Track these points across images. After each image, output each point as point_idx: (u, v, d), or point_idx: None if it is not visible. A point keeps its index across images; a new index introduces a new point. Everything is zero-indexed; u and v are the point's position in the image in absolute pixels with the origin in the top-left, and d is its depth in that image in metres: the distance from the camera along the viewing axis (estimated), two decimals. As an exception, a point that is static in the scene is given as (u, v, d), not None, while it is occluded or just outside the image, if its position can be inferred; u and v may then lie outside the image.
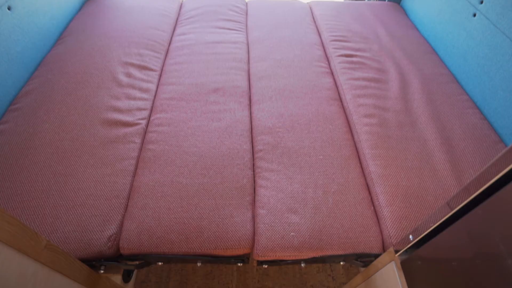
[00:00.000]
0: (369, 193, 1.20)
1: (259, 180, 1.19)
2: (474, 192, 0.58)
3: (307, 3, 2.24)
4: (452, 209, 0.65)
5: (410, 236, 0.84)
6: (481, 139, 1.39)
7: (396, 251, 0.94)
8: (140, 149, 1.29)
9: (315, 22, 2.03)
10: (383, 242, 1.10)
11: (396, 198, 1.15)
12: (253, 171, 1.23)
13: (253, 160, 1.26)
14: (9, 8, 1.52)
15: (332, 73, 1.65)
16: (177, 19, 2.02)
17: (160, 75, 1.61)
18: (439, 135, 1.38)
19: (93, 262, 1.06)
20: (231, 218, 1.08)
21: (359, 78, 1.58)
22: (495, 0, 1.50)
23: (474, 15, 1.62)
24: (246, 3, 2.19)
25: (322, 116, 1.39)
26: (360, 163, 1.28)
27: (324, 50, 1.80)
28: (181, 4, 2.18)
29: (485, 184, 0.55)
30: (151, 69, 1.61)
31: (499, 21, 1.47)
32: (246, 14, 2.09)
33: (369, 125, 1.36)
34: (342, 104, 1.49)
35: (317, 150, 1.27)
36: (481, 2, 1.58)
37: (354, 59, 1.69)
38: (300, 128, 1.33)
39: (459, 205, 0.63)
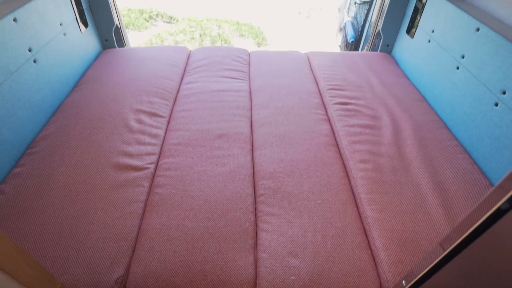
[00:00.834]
0: (366, 237, 1.25)
1: (260, 223, 1.25)
2: (466, 232, 0.63)
3: (305, 53, 2.44)
4: (444, 250, 0.70)
5: (403, 282, 0.88)
6: (471, 184, 1.47)
7: (393, 296, 0.98)
8: (148, 193, 1.36)
9: (312, 71, 2.20)
10: (381, 287, 1.13)
11: (392, 242, 1.20)
12: (255, 215, 1.29)
13: (255, 204, 1.33)
14: (34, 61, 1.67)
15: (329, 120, 1.77)
16: (185, 68, 2.19)
17: (169, 122, 1.73)
18: (431, 179, 1.46)
19: None
20: (234, 262, 1.12)
21: (354, 125, 1.69)
22: (475, 55, 1.66)
23: (458, 68, 1.77)
24: (249, 54, 2.38)
25: (320, 161, 1.48)
26: (357, 207, 1.35)
27: (321, 98, 1.94)
28: (189, 54, 2.37)
29: (475, 223, 0.61)
30: (160, 116, 1.73)
31: (479, 74, 1.61)
32: (249, 64, 2.27)
33: (364, 170, 1.45)
34: (339, 150, 1.59)
35: (315, 195, 1.34)
36: (463, 57, 1.74)
37: (349, 106, 1.82)
38: (299, 173, 1.42)
39: (451, 245, 0.68)
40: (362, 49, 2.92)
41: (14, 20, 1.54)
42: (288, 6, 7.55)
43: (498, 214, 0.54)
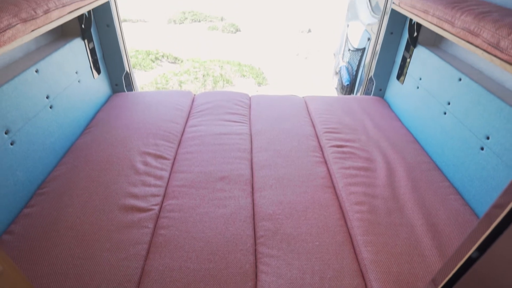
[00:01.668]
0: (363, 279, 1.29)
1: (260, 265, 1.29)
2: (456, 265, 0.68)
3: (303, 97, 2.59)
4: (437, 286, 0.74)
5: None
6: (464, 225, 1.52)
7: None
8: (152, 234, 1.41)
9: (310, 115, 2.33)
10: (378, 330, 1.15)
11: (388, 285, 1.24)
12: (255, 256, 1.34)
13: (255, 246, 1.38)
14: (51, 107, 1.80)
15: (325, 163, 1.86)
16: (189, 112, 2.33)
17: (173, 163, 1.82)
18: (425, 221, 1.51)
19: None
20: (234, 304, 1.15)
21: (350, 167, 1.78)
22: (459, 102, 1.79)
23: (445, 113, 1.90)
24: (250, 98, 2.53)
25: (317, 203, 1.55)
26: (354, 249, 1.39)
27: (318, 141, 2.04)
28: (193, 98, 2.52)
29: (464, 257, 0.66)
30: (165, 158, 1.83)
31: (464, 120, 1.73)
32: (250, 107, 2.41)
33: (360, 212, 1.51)
34: (335, 192, 1.66)
35: (313, 236, 1.39)
36: (449, 103, 1.87)
37: (345, 149, 1.92)
38: (297, 214, 1.48)
39: (443, 280, 0.72)
40: (357, 92, 3.09)
41: (36, 71, 1.69)
42: (287, 48, 7.98)
43: (470, 262, 0.60)
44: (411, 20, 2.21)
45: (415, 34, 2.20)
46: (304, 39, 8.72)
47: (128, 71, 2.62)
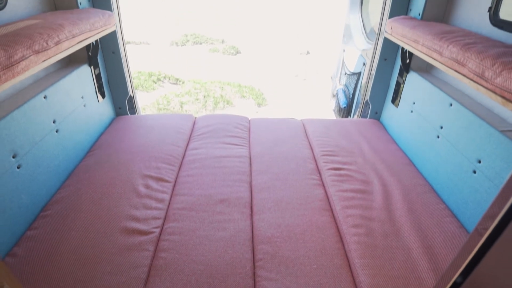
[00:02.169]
0: (361, 303, 1.30)
1: (259, 289, 1.31)
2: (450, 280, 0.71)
3: (300, 120, 2.66)
4: None
5: None
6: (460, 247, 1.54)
7: None
8: (153, 257, 1.44)
9: (307, 138, 2.39)
10: None
11: (385, 308, 1.25)
12: (254, 280, 1.35)
13: (254, 269, 1.40)
14: (56, 131, 1.87)
15: (323, 185, 1.90)
16: (190, 134, 2.39)
17: (174, 186, 1.86)
18: (421, 243, 1.53)
19: None
20: (233, 329, 1.16)
21: (347, 190, 1.82)
22: (451, 127, 1.85)
23: (438, 137, 1.95)
24: (249, 121, 2.60)
25: (315, 226, 1.58)
26: (351, 272, 1.41)
27: (316, 164, 2.09)
28: (195, 121, 2.60)
29: (449, 283, 0.69)
30: (167, 181, 1.87)
31: (457, 144, 1.79)
32: (249, 130, 2.47)
33: (357, 235, 1.54)
34: (333, 214, 1.69)
35: (311, 259, 1.42)
36: (441, 128, 1.93)
37: (342, 172, 1.97)
38: (295, 238, 1.51)
39: None
40: (354, 114, 3.17)
41: (45, 97, 1.77)
42: (286, 70, 8.18)
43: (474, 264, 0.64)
44: (403, 47, 2.31)
45: (408, 60, 2.29)
46: (302, 60, 8.95)
47: (132, 94, 2.70)
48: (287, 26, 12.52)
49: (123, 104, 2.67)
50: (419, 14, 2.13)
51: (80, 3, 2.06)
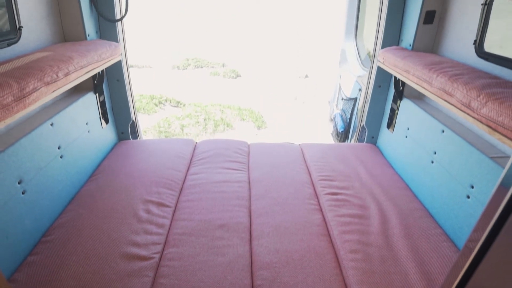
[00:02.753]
0: (359, 330, 1.31)
1: (257, 316, 1.31)
2: None
3: (299, 145, 2.72)
4: None
5: None
6: (457, 274, 1.55)
7: None
8: (153, 283, 1.45)
9: (305, 162, 2.44)
10: None
11: (383, 336, 1.25)
12: (252, 306, 1.36)
13: (253, 295, 1.41)
14: (61, 157, 1.92)
15: (321, 210, 1.93)
16: (191, 159, 2.44)
17: (174, 211, 1.89)
18: (418, 269, 1.55)
19: None
20: None
21: (344, 215, 1.85)
22: (444, 153, 1.90)
23: (432, 162, 2.01)
24: (248, 146, 2.67)
25: (313, 251, 1.60)
26: (349, 298, 1.42)
27: (314, 188, 2.13)
28: (195, 146, 2.66)
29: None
30: (167, 206, 1.90)
31: (450, 169, 1.83)
32: (248, 155, 2.53)
33: (354, 260, 1.55)
34: (331, 240, 1.72)
35: (309, 286, 1.43)
36: (435, 153, 1.99)
37: (339, 196, 2.00)
38: (294, 263, 1.52)
39: None
40: (351, 138, 3.23)
41: (51, 124, 1.83)
42: (285, 93, 8.35)
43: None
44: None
45: (401, 88, 2.38)
46: (301, 84, 9.15)
47: (134, 119, 2.78)
48: (286, 50, 12.89)
49: (125, 129, 2.74)
50: (410, 45, 2.25)
51: (88, 35, 2.18)
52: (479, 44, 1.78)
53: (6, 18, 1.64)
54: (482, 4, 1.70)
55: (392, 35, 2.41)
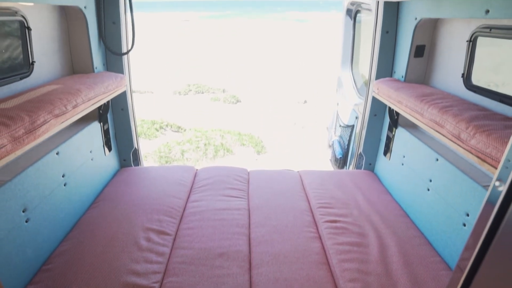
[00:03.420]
0: None
1: None
2: None
3: (297, 171, 2.77)
4: None
5: None
6: (457, 303, 1.55)
7: None
8: (152, 313, 1.45)
9: (304, 189, 2.48)
10: None
11: None
12: (252, 338, 1.36)
13: (252, 326, 1.40)
14: (65, 185, 1.96)
15: (320, 238, 1.95)
16: (191, 187, 2.48)
17: (174, 239, 1.91)
18: (418, 299, 1.55)
19: None
20: None
21: (343, 243, 1.86)
22: (439, 181, 1.95)
23: (428, 189, 2.05)
24: (248, 173, 2.71)
25: (312, 281, 1.61)
26: (349, 329, 1.42)
27: (313, 216, 2.16)
28: (196, 173, 2.70)
29: None
30: (168, 234, 1.92)
31: (446, 197, 1.87)
32: (248, 182, 2.57)
33: (353, 290, 1.56)
34: (330, 268, 1.72)
35: (309, 316, 1.43)
36: (430, 181, 2.03)
37: (338, 224, 2.02)
38: (293, 293, 1.53)
39: None
40: (349, 165, 3.28)
41: (57, 153, 1.89)
42: (284, 118, 8.49)
43: None
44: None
45: (396, 117, 2.47)
46: (300, 109, 9.32)
47: (136, 147, 2.85)
48: (285, 76, 13.21)
49: (127, 156, 2.80)
50: (402, 76, 2.35)
51: (96, 67, 2.29)
52: (466, 77, 1.87)
53: (20, 53, 1.74)
54: (467, 41, 1.81)
55: (385, 67, 2.53)
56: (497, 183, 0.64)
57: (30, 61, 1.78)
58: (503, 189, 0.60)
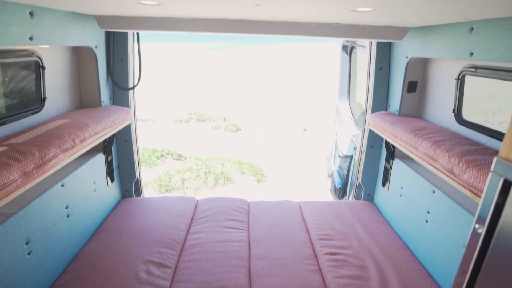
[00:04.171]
0: None
1: None
2: None
3: (297, 202, 2.80)
4: None
5: None
6: None
7: None
8: None
9: (304, 221, 2.49)
10: None
11: None
12: None
13: None
14: (67, 216, 1.99)
15: (320, 271, 1.94)
16: (192, 218, 2.50)
17: (175, 272, 1.90)
18: (420, 335, 1.53)
19: None
20: None
21: (344, 276, 1.86)
22: (436, 212, 1.97)
23: (426, 221, 2.07)
24: (248, 204, 2.74)
25: (313, 315, 1.59)
26: None
27: (313, 248, 2.16)
28: (196, 204, 2.73)
29: None
30: (168, 266, 1.92)
31: (444, 228, 1.89)
32: (248, 213, 2.59)
33: (354, 325, 1.54)
34: (330, 303, 1.71)
35: None
36: (428, 212, 2.06)
37: (338, 257, 2.03)
38: (293, 329, 1.51)
39: None
40: (349, 194, 3.31)
41: (62, 185, 1.93)
42: (284, 146, 8.59)
43: None
44: None
45: (392, 149, 2.53)
46: (300, 137, 9.45)
47: (138, 177, 2.89)
48: (285, 104, 13.48)
49: (129, 186, 2.83)
50: (397, 110, 2.45)
51: (103, 102, 2.39)
52: (457, 112, 1.96)
53: (34, 91, 1.84)
54: (455, 79, 1.92)
55: (380, 101, 2.63)
56: (477, 226, 0.68)
57: (42, 97, 1.88)
58: (482, 231, 0.64)
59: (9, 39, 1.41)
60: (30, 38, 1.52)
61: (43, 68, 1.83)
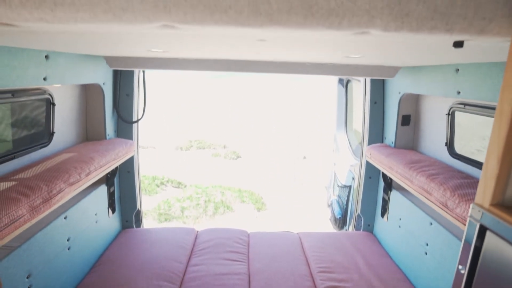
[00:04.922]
0: None
1: None
2: None
3: (297, 233, 2.80)
4: None
5: None
6: None
7: None
8: None
9: (304, 252, 2.49)
10: None
11: None
12: None
13: None
14: (68, 249, 2.00)
15: (320, 305, 1.93)
16: (192, 249, 2.50)
17: (174, 307, 1.89)
18: None
19: None
20: None
21: (344, 311, 1.84)
22: (435, 245, 1.98)
23: (426, 253, 2.07)
24: (248, 235, 2.74)
25: None
26: None
27: (313, 281, 2.15)
28: (196, 234, 2.73)
29: None
30: (167, 300, 1.91)
31: (443, 261, 1.89)
32: (248, 245, 2.59)
33: None
34: None
35: None
36: (427, 245, 2.07)
37: (338, 290, 2.02)
38: None
39: None
40: (349, 224, 3.31)
41: (65, 218, 1.97)
42: (284, 174, 8.61)
43: None
44: None
45: (390, 180, 2.58)
46: (300, 165, 9.49)
47: (139, 208, 2.91)
48: (285, 133, 13.64)
49: (130, 217, 2.85)
50: (392, 142, 2.53)
51: (108, 135, 2.47)
52: (449, 146, 2.03)
53: (43, 126, 1.92)
54: (446, 114, 2.01)
55: (376, 133, 2.72)
56: (460, 266, 0.73)
57: (51, 131, 1.96)
58: (465, 272, 0.69)
59: (25, 80, 1.51)
60: (44, 79, 1.62)
61: (53, 104, 1.93)
